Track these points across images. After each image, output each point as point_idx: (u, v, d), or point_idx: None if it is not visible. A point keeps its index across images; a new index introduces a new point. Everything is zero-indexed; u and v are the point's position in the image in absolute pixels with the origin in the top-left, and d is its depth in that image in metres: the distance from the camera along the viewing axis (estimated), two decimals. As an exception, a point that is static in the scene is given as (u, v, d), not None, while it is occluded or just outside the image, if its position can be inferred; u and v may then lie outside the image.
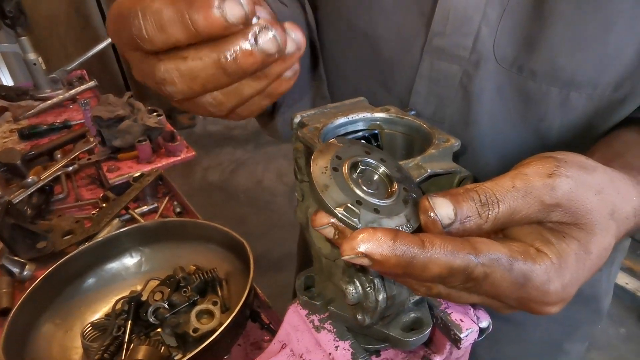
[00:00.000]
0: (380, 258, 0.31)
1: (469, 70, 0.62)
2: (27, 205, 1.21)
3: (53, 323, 0.88)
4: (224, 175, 4.09)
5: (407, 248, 0.32)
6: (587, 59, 0.56)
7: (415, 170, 0.42)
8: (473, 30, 0.59)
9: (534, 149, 0.65)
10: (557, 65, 0.57)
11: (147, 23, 0.35)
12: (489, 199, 0.35)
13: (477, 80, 0.62)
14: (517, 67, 0.60)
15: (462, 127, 0.66)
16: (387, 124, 0.53)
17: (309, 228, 0.52)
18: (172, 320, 0.84)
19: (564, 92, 0.59)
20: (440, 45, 0.62)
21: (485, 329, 0.52)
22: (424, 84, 0.66)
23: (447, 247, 0.32)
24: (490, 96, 0.63)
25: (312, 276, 0.56)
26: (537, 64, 0.58)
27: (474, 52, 0.61)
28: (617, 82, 0.57)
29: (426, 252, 0.32)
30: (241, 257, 0.92)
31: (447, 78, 0.64)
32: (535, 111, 0.62)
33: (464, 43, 0.60)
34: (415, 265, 0.32)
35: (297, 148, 0.50)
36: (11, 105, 1.92)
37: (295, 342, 0.54)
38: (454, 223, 0.34)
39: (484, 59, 0.61)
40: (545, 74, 0.58)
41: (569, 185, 0.37)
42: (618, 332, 2.50)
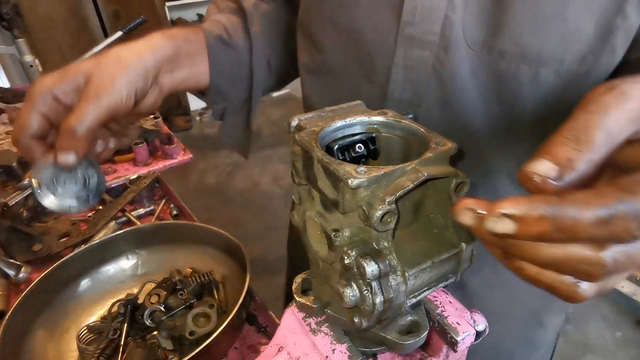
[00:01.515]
0: (520, 213, 0.30)
1: (440, 55, 0.65)
2: (23, 207, 1.20)
3: (49, 326, 0.88)
4: (220, 178, 4.09)
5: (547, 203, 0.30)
6: (549, 36, 0.60)
7: (412, 173, 0.42)
8: (440, 18, 0.63)
9: (510, 127, 0.69)
10: (523, 44, 0.61)
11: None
12: (578, 134, 0.32)
13: (448, 64, 0.65)
14: (487, 48, 0.63)
15: (439, 110, 0.70)
16: (385, 127, 0.53)
17: (306, 231, 0.52)
18: (169, 323, 0.84)
19: (533, 69, 0.63)
20: (411, 34, 0.66)
21: (481, 332, 0.52)
22: (400, 71, 0.69)
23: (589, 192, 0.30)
24: (463, 78, 0.66)
25: (309, 279, 0.56)
26: (504, 44, 0.62)
27: (443, 37, 0.64)
28: (580, 57, 0.61)
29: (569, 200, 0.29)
30: (237, 260, 0.92)
31: (420, 64, 0.67)
32: (508, 90, 0.65)
33: (433, 30, 0.64)
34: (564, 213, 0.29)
35: (295, 151, 0.50)
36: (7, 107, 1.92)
37: (292, 345, 0.54)
38: (563, 173, 0.31)
39: (453, 43, 0.64)
40: (514, 54, 0.62)
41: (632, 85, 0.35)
42: (614, 336, 2.50)
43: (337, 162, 0.43)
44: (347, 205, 0.43)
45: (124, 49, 0.66)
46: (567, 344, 2.47)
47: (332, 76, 0.79)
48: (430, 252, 0.45)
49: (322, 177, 0.46)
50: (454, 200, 0.45)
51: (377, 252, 0.42)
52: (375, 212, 0.39)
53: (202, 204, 3.70)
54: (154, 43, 0.69)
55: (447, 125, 0.70)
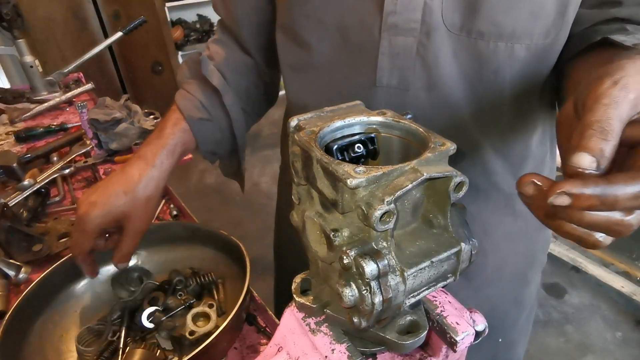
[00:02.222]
0: (577, 192, 0.38)
1: (423, 40, 0.71)
2: (23, 207, 1.20)
3: (48, 326, 0.88)
4: (220, 178, 4.09)
5: (596, 184, 0.37)
6: (520, 13, 0.67)
7: (411, 173, 0.42)
8: (420, 5, 0.69)
9: (491, 102, 0.76)
10: (499, 22, 0.68)
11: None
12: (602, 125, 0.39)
13: (431, 48, 0.71)
14: (466, 30, 0.69)
15: (425, 93, 0.75)
16: (384, 127, 0.53)
17: (306, 232, 0.52)
18: (168, 324, 0.84)
19: (509, 45, 0.70)
20: (394, 23, 0.71)
21: (481, 332, 0.52)
22: (386, 59, 0.74)
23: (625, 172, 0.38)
24: (446, 61, 0.72)
25: (308, 279, 0.56)
26: (482, 25, 0.68)
27: (424, 24, 0.70)
28: (545, 31, 0.69)
29: (613, 182, 0.37)
30: (237, 260, 0.92)
31: (405, 50, 0.72)
32: (488, 67, 0.72)
33: (414, 17, 0.69)
34: (608, 192, 0.37)
35: (294, 152, 0.50)
36: (7, 107, 1.92)
37: (292, 345, 0.54)
38: (600, 163, 0.39)
39: (434, 28, 0.70)
40: (491, 32, 0.68)
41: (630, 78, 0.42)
42: (614, 336, 2.50)
43: (336, 162, 0.43)
44: (346, 205, 0.44)
45: (150, 181, 0.85)
46: (567, 344, 2.47)
47: (318, 71, 0.83)
48: (429, 251, 0.45)
49: (321, 177, 0.46)
50: (453, 200, 0.45)
51: (376, 252, 0.42)
52: (374, 212, 0.39)
53: (202, 204, 3.70)
54: (164, 169, 0.87)
55: (434, 107, 0.75)
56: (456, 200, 0.46)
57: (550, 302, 2.74)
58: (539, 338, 2.52)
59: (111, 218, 0.83)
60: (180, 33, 4.86)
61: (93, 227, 0.82)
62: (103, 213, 0.82)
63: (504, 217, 0.89)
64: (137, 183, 0.84)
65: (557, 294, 2.79)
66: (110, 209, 0.82)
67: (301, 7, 0.79)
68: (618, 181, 0.38)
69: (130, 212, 0.83)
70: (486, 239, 0.88)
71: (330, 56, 0.80)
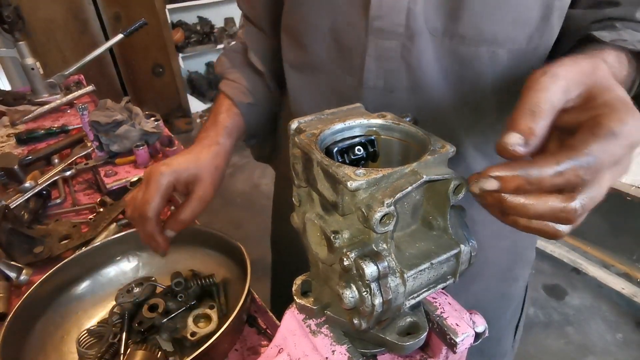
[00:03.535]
0: (502, 174, 0.40)
1: (407, 44, 0.73)
2: (24, 209, 1.21)
3: (49, 328, 0.88)
4: (221, 180, 4.08)
5: (520, 166, 0.40)
6: (502, 19, 0.69)
7: (410, 176, 0.43)
8: (403, 10, 0.71)
9: (474, 104, 0.78)
10: (481, 28, 0.70)
11: None
12: (531, 108, 0.42)
13: (414, 51, 0.73)
14: (449, 35, 0.72)
15: (409, 94, 0.77)
16: (384, 130, 0.54)
17: (306, 234, 0.52)
18: (169, 325, 0.84)
19: (490, 50, 0.72)
20: (379, 27, 0.73)
21: (481, 333, 0.52)
22: (373, 61, 0.76)
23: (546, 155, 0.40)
24: (429, 64, 0.74)
25: (309, 281, 0.57)
26: (464, 30, 0.70)
27: (407, 28, 0.72)
28: (528, 36, 0.71)
29: (535, 163, 0.39)
30: (238, 262, 0.92)
31: (390, 53, 0.75)
32: (470, 70, 0.74)
33: (398, 21, 0.72)
34: (531, 172, 0.39)
35: (295, 154, 0.51)
36: (8, 109, 1.93)
37: (292, 346, 0.54)
38: (528, 139, 0.41)
39: (417, 32, 0.72)
40: (472, 37, 0.71)
41: (559, 67, 0.45)
42: (615, 337, 2.50)
43: (337, 165, 0.43)
44: (347, 207, 0.44)
45: (217, 154, 0.90)
46: (568, 345, 2.47)
47: (315, 71, 0.87)
48: (429, 253, 0.46)
49: (321, 179, 0.46)
50: (452, 202, 0.45)
51: (376, 253, 0.42)
52: (374, 214, 0.39)
53: (202, 206, 3.70)
54: (226, 148, 0.93)
55: (418, 108, 0.78)
56: (456, 203, 0.46)
57: (551, 303, 2.74)
58: (540, 339, 2.52)
59: (182, 179, 0.84)
60: (181, 35, 4.87)
61: (164, 183, 0.82)
62: (175, 172, 0.83)
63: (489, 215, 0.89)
64: (206, 154, 0.88)
65: (557, 295, 2.79)
66: (182, 170, 0.84)
67: (298, 10, 0.83)
68: (541, 161, 0.40)
69: (200, 176, 0.86)
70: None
71: (324, 57, 0.83)
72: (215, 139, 0.91)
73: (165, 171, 0.82)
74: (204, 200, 0.87)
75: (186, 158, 0.86)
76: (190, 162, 0.86)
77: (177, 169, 0.84)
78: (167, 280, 0.94)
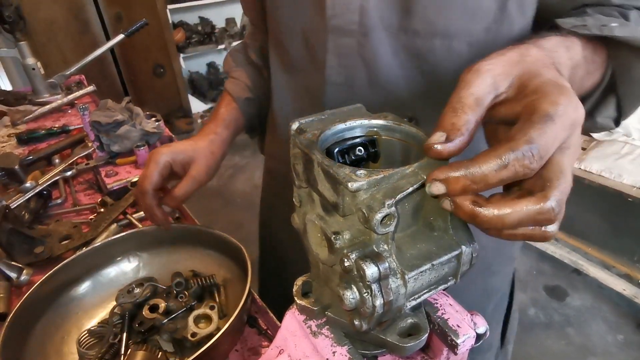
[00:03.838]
0: (444, 176, 0.39)
1: (362, 40, 0.76)
2: (24, 210, 1.21)
3: (50, 329, 0.88)
4: (221, 181, 4.09)
5: (461, 166, 0.39)
6: (454, 12, 0.70)
7: (412, 176, 0.42)
8: (356, 8, 0.73)
9: (434, 98, 0.76)
10: (432, 21, 0.71)
11: None
12: (454, 105, 0.43)
13: (370, 47, 0.76)
14: (403, 30, 0.73)
15: (368, 89, 0.80)
16: (385, 130, 0.53)
17: (307, 235, 0.52)
18: (169, 326, 0.84)
19: (445, 43, 0.73)
20: (336, 25, 0.76)
21: (482, 334, 0.52)
22: (333, 58, 0.79)
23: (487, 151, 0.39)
24: (386, 59, 0.76)
25: (310, 282, 0.56)
26: (417, 24, 0.72)
27: (362, 25, 0.74)
28: (486, 27, 0.71)
29: (476, 160, 0.39)
30: (239, 263, 0.92)
31: (348, 50, 0.78)
32: (427, 64, 0.75)
33: (352, 19, 0.74)
34: (472, 170, 0.39)
35: (295, 154, 0.51)
36: (9, 109, 1.93)
37: (293, 347, 0.54)
38: (450, 136, 0.41)
39: (371, 29, 0.74)
40: (426, 31, 0.72)
41: (483, 62, 0.45)
42: (616, 338, 2.50)
43: (337, 165, 0.43)
44: (347, 208, 0.44)
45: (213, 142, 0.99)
46: (569, 346, 2.47)
47: (293, 70, 0.92)
48: (430, 254, 0.45)
49: (322, 180, 0.46)
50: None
51: (377, 254, 0.42)
52: (375, 215, 0.39)
53: (203, 207, 3.70)
54: (223, 138, 1.02)
55: (378, 102, 0.78)
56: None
57: (552, 304, 2.74)
58: (540, 340, 2.52)
59: (178, 159, 0.94)
60: (182, 35, 4.88)
61: (161, 161, 0.91)
62: (173, 152, 0.93)
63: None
64: (203, 141, 0.99)
65: (558, 296, 2.79)
66: (179, 152, 0.94)
67: (275, 14, 0.89)
68: (482, 157, 0.39)
69: (196, 159, 0.95)
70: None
71: (298, 57, 0.88)
72: (213, 130, 1.01)
73: (164, 151, 0.92)
74: (197, 180, 0.94)
75: (185, 143, 0.97)
76: (188, 146, 0.96)
77: (174, 150, 0.94)
78: (168, 280, 0.94)
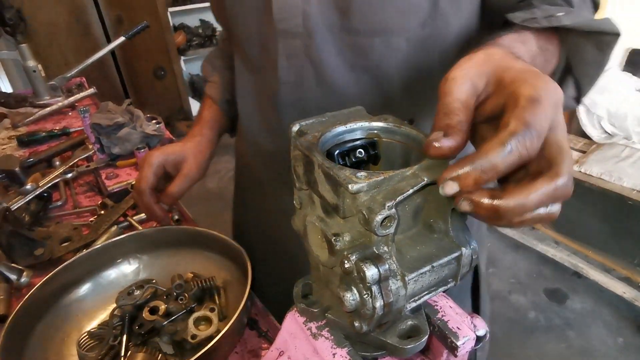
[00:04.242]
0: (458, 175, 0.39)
1: (307, 42, 0.79)
2: (25, 212, 1.21)
3: (50, 330, 0.88)
4: (222, 183, 4.09)
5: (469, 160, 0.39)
6: (389, 10, 0.74)
7: (412, 178, 0.43)
8: (299, 12, 0.77)
9: (381, 93, 0.83)
10: (370, 20, 0.75)
11: None
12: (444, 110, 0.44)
13: (315, 48, 0.79)
14: (345, 30, 0.77)
15: (317, 88, 0.83)
16: (385, 132, 0.54)
17: (307, 236, 0.52)
18: (170, 328, 0.84)
19: (385, 40, 0.76)
20: (283, 28, 0.79)
21: (482, 336, 0.52)
22: (284, 59, 0.83)
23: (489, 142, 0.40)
24: (331, 58, 0.80)
25: (310, 284, 0.57)
26: (356, 23, 0.75)
27: (305, 27, 0.78)
28: (421, 23, 0.75)
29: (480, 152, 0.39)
30: (239, 265, 0.92)
31: (295, 51, 0.81)
32: (371, 59, 0.79)
33: (296, 22, 0.78)
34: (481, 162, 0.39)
35: (296, 156, 0.51)
36: (10, 112, 1.93)
37: (293, 349, 0.54)
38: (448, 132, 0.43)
39: (314, 31, 0.78)
40: (365, 30, 0.76)
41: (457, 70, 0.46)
42: (616, 341, 2.50)
43: (338, 167, 0.43)
44: (348, 210, 0.44)
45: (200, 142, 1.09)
46: (569, 349, 2.47)
47: (254, 72, 0.95)
48: (430, 256, 0.45)
49: (322, 182, 0.46)
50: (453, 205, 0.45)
51: (377, 256, 0.42)
52: (375, 217, 0.39)
53: (203, 209, 3.70)
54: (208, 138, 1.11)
55: (327, 100, 0.84)
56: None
57: (552, 307, 2.73)
58: (541, 343, 2.51)
59: (170, 159, 1.03)
60: (183, 38, 4.88)
61: (155, 162, 1.00)
62: (163, 154, 1.02)
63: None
64: (191, 143, 1.08)
65: (558, 299, 2.79)
66: (170, 153, 1.03)
67: (235, 20, 0.91)
68: (485, 148, 0.39)
69: (186, 158, 1.04)
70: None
71: (256, 58, 0.91)
72: (198, 132, 1.11)
73: (156, 154, 1.01)
74: (189, 177, 1.04)
75: (174, 145, 1.07)
76: (177, 148, 1.05)
77: (166, 152, 1.03)
78: (168, 282, 0.94)
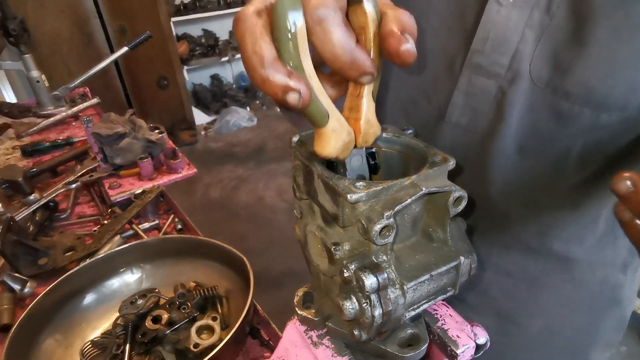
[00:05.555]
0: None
1: (504, 86, 0.66)
2: (30, 221, 1.21)
3: (53, 340, 0.88)
4: (225, 192, 4.10)
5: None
6: (618, 83, 0.59)
7: (410, 188, 0.43)
8: (510, 50, 0.64)
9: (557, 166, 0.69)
10: (590, 87, 0.60)
11: None
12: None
13: (510, 96, 0.66)
14: (552, 87, 0.63)
15: (490, 139, 0.70)
16: (385, 142, 0.54)
17: (307, 245, 0.52)
18: (172, 337, 0.84)
19: (595, 113, 0.62)
20: (479, 62, 0.67)
21: (482, 345, 0.52)
22: (461, 96, 0.70)
23: None
24: (521, 112, 0.67)
25: (311, 292, 0.57)
26: (571, 86, 0.61)
27: (510, 70, 0.65)
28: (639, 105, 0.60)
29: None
30: (241, 274, 0.92)
31: (482, 92, 0.68)
32: (565, 129, 0.65)
33: (501, 61, 0.65)
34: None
35: (296, 166, 0.51)
36: (14, 122, 1.94)
37: (294, 357, 0.54)
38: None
39: (519, 77, 0.65)
40: (579, 96, 0.61)
41: None
42: (619, 350, 2.48)
43: (337, 177, 0.44)
44: (347, 219, 0.44)
45: None
46: (573, 358, 2.46)
47: (385, 89, 0.80)
48: (429, 265, 0.46)
49: (322, 191, 0.46)
50: (452, 214, 0.46)
51: (376, 265, 0.43)
52: (374, 226, 0.40)
53: (206, 218, 3.71)
54: None
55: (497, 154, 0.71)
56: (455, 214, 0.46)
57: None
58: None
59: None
60: (186, 48, 4.91)
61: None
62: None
63: (560, 282, 0.83)
64: None
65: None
66: None
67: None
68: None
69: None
70: (531, 298, 0.84)
71: (402, 77, 0.77)
72: None
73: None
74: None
75: None
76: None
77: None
78: (171, 291, 0.94)
